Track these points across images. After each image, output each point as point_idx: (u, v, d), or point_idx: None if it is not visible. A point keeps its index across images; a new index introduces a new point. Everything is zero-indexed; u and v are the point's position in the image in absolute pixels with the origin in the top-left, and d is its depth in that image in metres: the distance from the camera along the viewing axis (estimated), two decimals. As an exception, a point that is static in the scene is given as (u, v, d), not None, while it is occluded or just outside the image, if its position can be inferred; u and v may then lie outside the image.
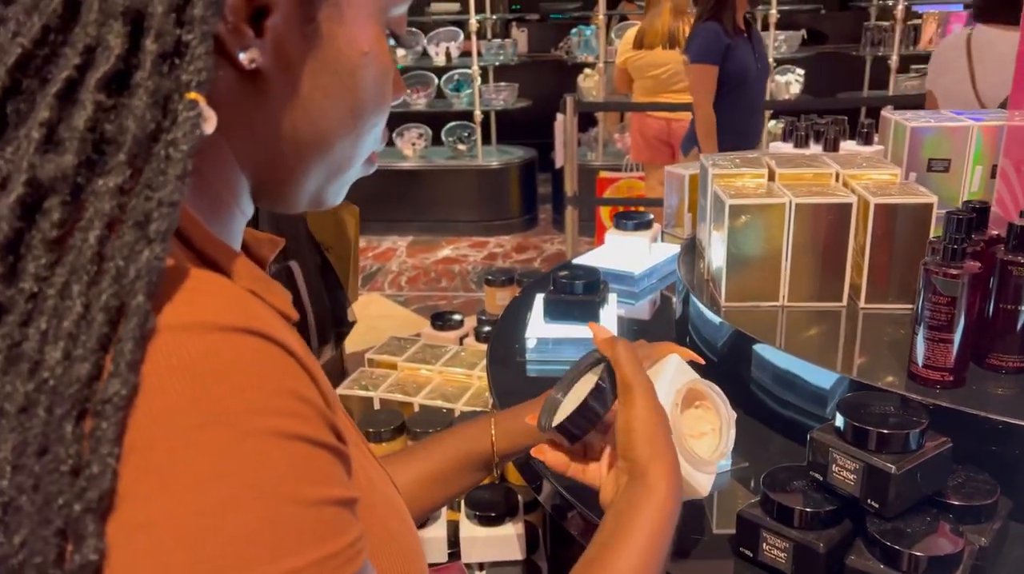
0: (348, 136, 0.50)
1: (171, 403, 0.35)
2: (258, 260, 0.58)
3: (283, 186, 0.51)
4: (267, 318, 0.40)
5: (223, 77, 0.44)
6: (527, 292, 1.67)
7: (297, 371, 0.39)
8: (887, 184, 1.24)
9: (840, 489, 0.83)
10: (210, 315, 0.38)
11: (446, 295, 4.40)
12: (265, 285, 0.46)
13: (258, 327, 0.38)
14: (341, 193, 0.56)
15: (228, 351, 0.37)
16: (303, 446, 0.38)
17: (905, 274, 1.19)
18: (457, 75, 5.71)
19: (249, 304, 0.40)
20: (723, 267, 1.24)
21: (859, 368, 1.10)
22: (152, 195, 0.37)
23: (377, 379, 1.70)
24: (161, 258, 0.37)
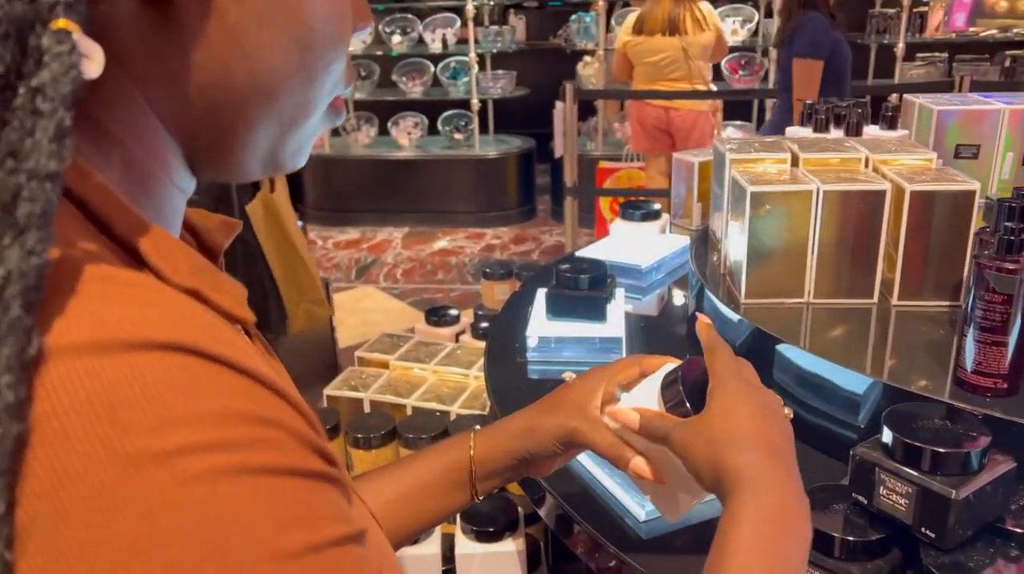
0: (297, 76, 0.40)
1: (79, 453, 0.27)
2: (209, 248, 0.47)
3: (225, 147, 0.41)
4: (206, 327, 0.32)
5: (122, 4, 0.34)
6: (528, 287, 1.57)
7: (251, 389, 0.31)
8: (921, 170, 1.13)
9: (889, 515, 0.73)
10: (124, 329, 0.29)
11: (443, 288, 4.29)
12: (212, 281, 0.36)
13: (191, 341, 0.30)
14: (302, 152, 0.45)
15: (151, 374, 0.28)
16: (274, 481, 0.30)
17: (943, 268, 1.09)
18: (454, 63, 5.59)
19: (179, 311, 0.31)
20: (743, 261, 1.14)
21: (895, 372, 0.99)
22: (18, 166, 0.27)
23: (368, 379, 1.59)
24: (40, 252, 0.27)
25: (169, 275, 0.34)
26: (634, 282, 1.58)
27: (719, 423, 0.60)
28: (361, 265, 4.70)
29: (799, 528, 0.56)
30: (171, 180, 0.41)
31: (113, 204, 0.34)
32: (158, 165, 0.40)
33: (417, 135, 5.54)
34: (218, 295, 0.35)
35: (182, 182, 0.42)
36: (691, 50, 3.96)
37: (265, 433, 0.31)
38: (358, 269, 4.64)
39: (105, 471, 0.27)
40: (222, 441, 0.29)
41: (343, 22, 0.42)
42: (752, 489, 0.55)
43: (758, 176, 1.15)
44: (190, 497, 0.28)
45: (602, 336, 1.28)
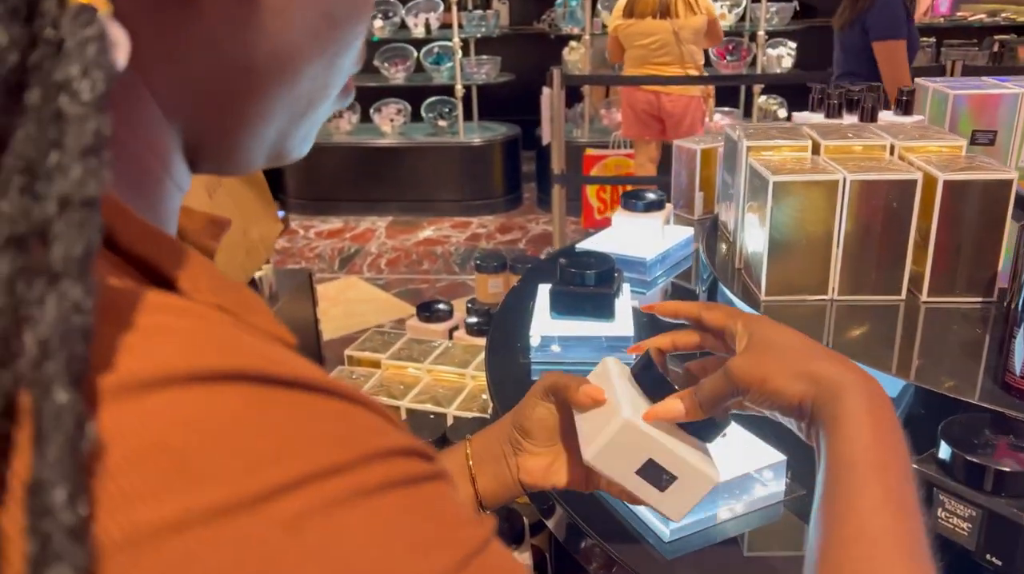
0: (321, 56, 0.34)
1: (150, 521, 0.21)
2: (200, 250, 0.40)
3: (234, 138, 0.35)
4: (258, 347, 0.27)
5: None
6: (527, 281, 1.49)
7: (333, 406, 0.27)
8: (952, 158, 1.07)
9: (948, 539, 0.66)
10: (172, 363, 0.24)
11: (428, 278, 4.20)
12: (236, 296, 0.30)
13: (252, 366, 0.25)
14: (309, 140, 0.40)
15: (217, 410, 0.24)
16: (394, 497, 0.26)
17: (976, 262, 1.02)
18: (437, 48, 5.48)
19: (227, 333, 0.27)
20: (763, 255, 1.07)
21: (927, 374, 0.93)
22: (42, 189, 0.21)
23: (358, 380, 1.51)
24: (86, 309, 0.21)
25: (193, 293, 0.28)
26: (638, 276, 1.51)
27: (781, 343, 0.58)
28: (344, 255, 4.61)
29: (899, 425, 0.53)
30: (170, 177, 0.34)
31: (120, 213, 0.28)
32: (156, 161, 0.33)
33: (400, 122, 5.43)
34: (248, 314, 0.29)
35: (180, 179, 0.35)
36: (682, 33, 3.89)
37: (365, 448, 0.26)
38: (341, 259, 4.54)
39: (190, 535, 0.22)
40: (323, 468, 0.24)
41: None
42: (856, 389, 0.53)
43: (777, 165, 1.08)
44: (304, 542, 0.23)
45: (610, 335, 1.21)
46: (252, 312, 0.30)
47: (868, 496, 0.47)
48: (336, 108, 0.40)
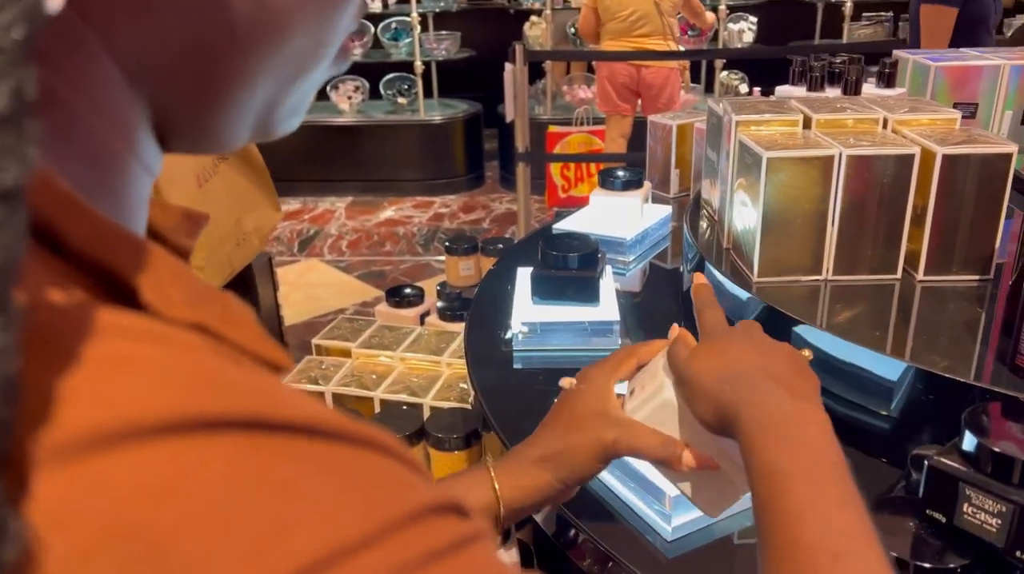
0: (317, 5, 0.29)
1: None
2: (177, 251, 0.34)
3: (212, 107, 0.29)
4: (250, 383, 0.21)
5: None
6: (504, 264, 1.44)
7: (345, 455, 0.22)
8: (947, 131, 1.03)
9: (975, 536, 0.62)
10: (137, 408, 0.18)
11: (391, 260, 4.12)
12: (218, 309, 0.24)
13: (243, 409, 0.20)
14: (300, 111, 0.34)
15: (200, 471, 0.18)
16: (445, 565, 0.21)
17: (974, 239, 0.99)
18: (395, 23, 5.35)
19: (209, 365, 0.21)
20: (755, 234, 1.02)
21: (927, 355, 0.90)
22: None
23: (328, 370, 1.44)
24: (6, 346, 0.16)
25: (162, 307, 0.23)
26: (617, 256, 1.46)
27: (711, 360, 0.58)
28: (304, 237, 4.50)
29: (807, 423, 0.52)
30: (135, 157, 0.28)
31: (63, 202, 0.22)
32: (118, 137, 0.27)
33: (358, 99, 5.30)
34: (232, 330, 0.24)
35: (149, 160, 0.29)
36: (663, 5, 3.84)
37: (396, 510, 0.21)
38: (301, 242, 4.43)
39: None
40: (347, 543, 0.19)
41: None
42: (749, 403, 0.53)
43: (768, 140, 1.03)
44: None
45: (594, 320, 1.16)
46: (237, 327, 0.24)
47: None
48: (332, 74, 0.34)
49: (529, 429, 1.03)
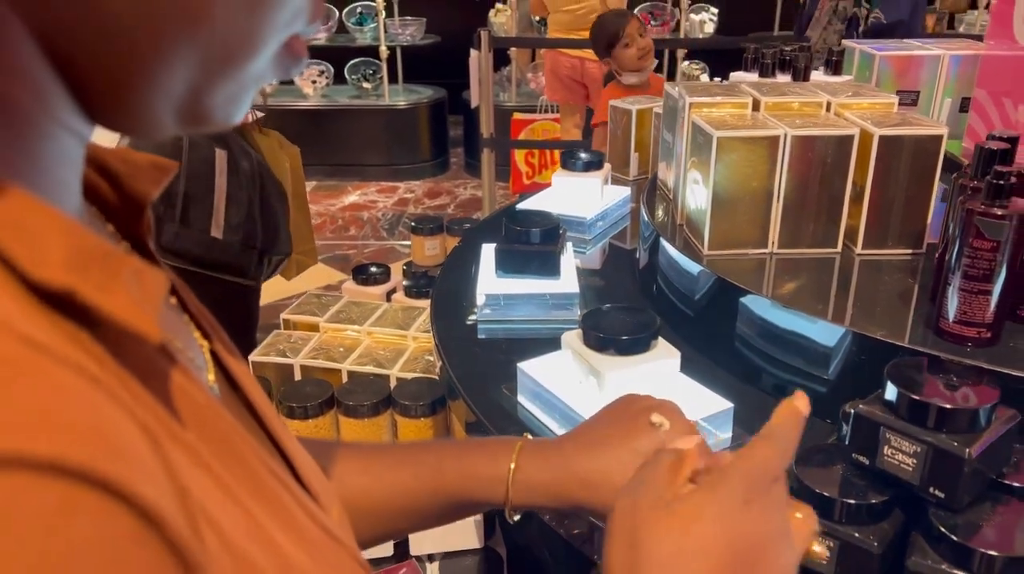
0: (245, 3, 0.29)
1: None
2: (133, 198, 0.36)
3: (126, 84, 0.29)
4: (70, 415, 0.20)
5: None
6: (468, 241, 1.48)
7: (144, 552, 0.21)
8: (885, 114, 1.10)
9: (893, 475, 0.69)
10: None
11: (356, 244, 4.14)
12: (100, 272, 0.25)
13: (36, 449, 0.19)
14: (238, 103, 0.33)
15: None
16: None
17: (908, 216, 1.06)
18: (360, 7, 5.34)
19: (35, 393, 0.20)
20: (706, 211, 1.08)
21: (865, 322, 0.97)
22: None
23: (296, 343, 1.48)
24: None
25: (28, 267, 0.23)
26: (578, 235, 1.52)
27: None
28: (268, 221, 4.49)
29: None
30: (53, 119, 0.29)
31: None
32: (27, 94, 0.27)
33: (323, 84, 5.29)
34: (105, 297, 0.24)
35: (72, 123, 0.30)
36: (610, 1, 3.89)
37: None
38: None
39: None
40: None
41: None
42: None
43: (719, 121, 1.09)
44: None
45: (555, 292, 1.21)
46: (110, 295, 0.24)
47: None
48: (281, 75, 0.34)
49: (494, 396, 1.07)
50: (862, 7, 2.37)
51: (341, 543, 0.36)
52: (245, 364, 0.43)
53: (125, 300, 0.25)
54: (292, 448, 0.41)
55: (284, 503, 0.33)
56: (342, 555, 0.36)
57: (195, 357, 0.36)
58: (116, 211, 0.36)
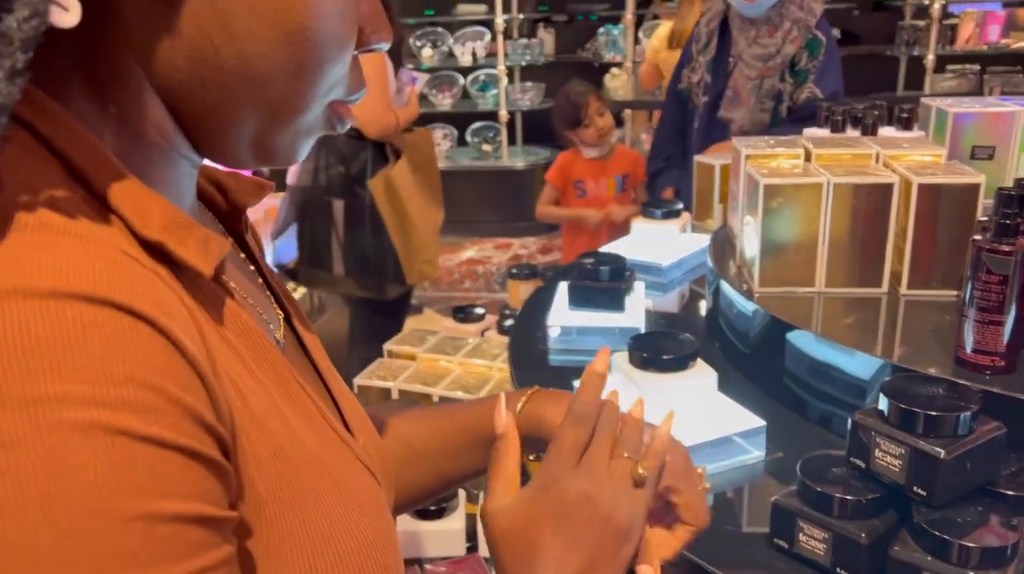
0: (286, 70, 0.41)
1: None
2: (236, 206, 0.52)
3: (212, 127, 0.42)
4: (136, 283, 0.33)
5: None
6: (551, 283, 1.63)
7: (154, 351, 0.32)
8: (930, 165, 1.18)
9: (884, 476, 0.77)
10: (41, 278, 0.30)
11: (468, 296, 4.36)
12: (181, 235, 0.38)
13: (108, 294, 0.31)
14: (298, 147, 0.45)
15: (46, 324, 0.30)
16: (135, 446, 0.31)
17: (950, 259, 1.13)
18: (483, 75, 5.68)
19: (107, 263, 0.32)
20: (757, 252, 1.19)
21: (901, 355, 1.04)
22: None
23: (396, 370, 1.66)
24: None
25: (139, 228, 0.36)
26: (655, 279, 1.63)
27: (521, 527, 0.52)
28: (391, 273, 4.79)
29: None
30: (172, 147, 0.42)
31: (95, 157, 0.36)
32: (157, 134, 0.41)
33: (446, 146, 5.63)
34: (182, 249, 0.37)
35: (185, 152, 0.43)
36: None
37: (144, 397, 0.31)
38: (388, 277, 4.72)
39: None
40: (94, 397, 0.30)
41: (343, 26, 0.42)
42: None
43: (772, 171, 1.20)
44: (42, 443, 0.29)
45: (621, 326, 1.33)
46: (186, 248, 0.37)
47: None
48: (328, 130, 0.46)
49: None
50: (786, 82, 2.25)
51: (348, 445, 0.48)
52: (314, 335, 0.57)
53: (193, 251, 0.38)
54: (338, 391, 0.55)
55: (305, 403, 0.45)
56: (345, 451, 0.48)
57: (265, 313, 0.50)
58: (225, 214, 0.53)
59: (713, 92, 2.34)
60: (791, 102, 2.26)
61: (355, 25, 0.43)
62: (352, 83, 0.45)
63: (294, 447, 0.41)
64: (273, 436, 0.40)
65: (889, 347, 1.06)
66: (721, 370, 1.05)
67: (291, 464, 0.40)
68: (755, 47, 2.25)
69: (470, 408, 0.70)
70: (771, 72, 2.24)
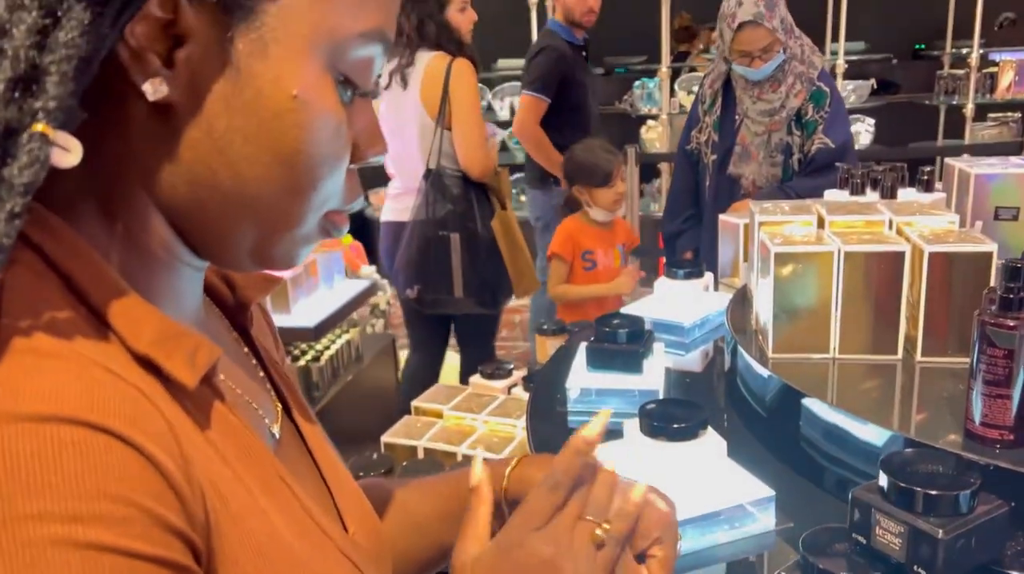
0: (281, 189, 0.44)
1: None
2: (242, 302, 0.55)
3: (211, 240, 0.46)
4: (114, 402, 0.35)
5: (133, 110, 0.41)
6: (572, 341, 1.65)
7: (131, 466, 0.35)
8: (945, 232, 1.18)
9: (885, 554, 0.77)
10: (23, 402, 0.33)
11: (505, 345, 4.38)
12: (171, 347, 0.41)
13: (85, 415, 0.34)
14: (296, 254, 0.48)
15: (26, 445, 0.32)
16: (107, 557, 0.33)
17: (964, 326, 1.12)
18: (521, 128, 5.77)
19: (90, 385, 0.35)
20: (770, 317, 1.20)
21: (916, 426, 1.04)
22: None
23: (422, 428, 1.69)
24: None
25: (131, 342, 0.39)
26: (677, 338, 1.64)
27: None
28: (428, 322, 4.84)
29: None
30: (176, 258, 0.46)
31: (96, 276, 0.40)
32: (159, 246, 0.45)
33: (484, 197, 5.71)
34: (169, 362, 0.40)
35: (188, 259, 0.47)
36: None
37: (117, 511, 0.34)
38: (425, 326, 4.78)
39: None
40: (66, 513, 0.33)
41: (337, 146, 0.45)
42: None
43: (784, 237, 1.22)
44: (21, 557, 0.32)
45: (641, 389, 1.35)
46: (173, 361, 0.40)
47: None
48: (325, 237, 0.49)
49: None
50: (794, 135, 2.26)
51: (331, 538, 0.50)
52: (315, 425, 0.60)
53: (179, 364, 0.41)
54: (335, 481, 0.57)
55: (288, 499, 0.48)
56: (326, 545, 0.49)
57: (261, 408, 0.53)
58: (231, 308, 0.57)
59: (721, 150, 2.37)
60: (801, 154, 2.29)
61: (349, 143, 0.46)
62: (348, 193, 0.49)
63: (272, 545, 0.43)
64: (252, 534, 0.42)
65: (902, 417, 1.07)
66: (737, 433, 1.06)
67: (268, 561, 0.43)
68: (760, 103, 2.29)
69: (463, 474, 0.71)
70: (778, 126, 2.27)
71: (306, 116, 0.43)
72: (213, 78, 0.41)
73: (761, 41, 2.19)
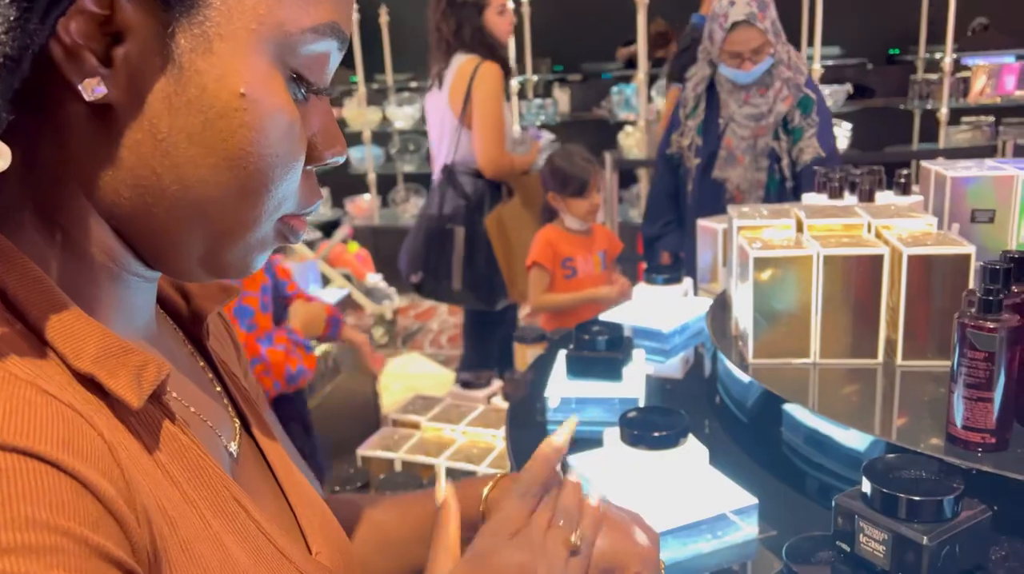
0: (230, 193, 0.41)
1: None
2: (197, 313, 0.53)
3: (159, 248, 0.43)
4: (46, 426, 0.33)
5: (70, 111, 0.39)
6: (552, 349, 1.63)
7: (64, 492, 0.33)
8: (923, 235, 1.18)
9: (869, 561, 0.76)
10: None
11: (486, 353, 4.36)
12: (114, 365, 0.39)
13: (14, 440, 0.32)
14: (251, 261, 0.46)
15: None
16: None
17: (944, 329, 1.12)
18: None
19: (21, 407, 0.33)
20: (750, 322, 1.19)
21: (898, 430, 1.03)
22: None
23: (400, 440, 1.66)
24: None
25: (71, 360, 0.38)
26: (657, 345, 1.63)
27: None
28: (408, 332, 4.81)
29: None
30: (122, 268, 0.44)
31: (35, 291, 0.38)
32: (104, 256, 0.43)
33: (464, 205, 5.69)
34: (112, 381, 0.39)
35: (137, 270, 0.44)
36: None
37: (47, 540, 0.32)
38: (405, 336, 4.74)
39: None
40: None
41: (289, 146, 0.42)
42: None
43: (764, 242, 1.21)
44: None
45: (621, 397, 1.33)
46: (116, 379, 0.39)
47: None
48: (280, 243, 0.47)
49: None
50: (781, 140, 2.24)
51: (288, 559, 0.48)
52: (275, 442, 0.57)
53: (124, 382, 0.39)
54: (297, 498, 0.55)
55: (242, 520, 0.45)
56: (283, 565, 0.47)
57: (217, 426, 0.51)
58: (186, 320, 0.54)
59: (705, 154, 2.36)
60: (790, 159, 2.28)
61: (303, 143, 0.44)
62: (304, 196, 0.46)
63: (224, 569, 0.41)
64: (201, 558, 0.40)
65: (884, 421, 1.05)
66: (719, 440, 1.04)
67: None
68: (747, 107, 2.28)
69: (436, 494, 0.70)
70: (764, 131, 2.27)
71: (254, 115, 0.40)
72: (154, 76, 0.39)
73: (753, 42, 2.18)
